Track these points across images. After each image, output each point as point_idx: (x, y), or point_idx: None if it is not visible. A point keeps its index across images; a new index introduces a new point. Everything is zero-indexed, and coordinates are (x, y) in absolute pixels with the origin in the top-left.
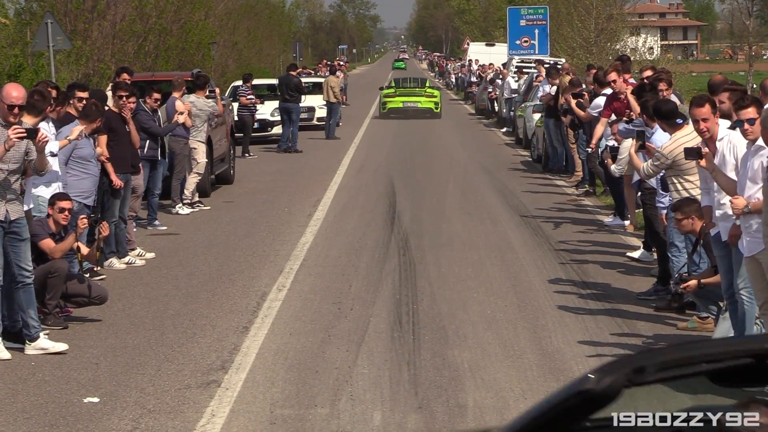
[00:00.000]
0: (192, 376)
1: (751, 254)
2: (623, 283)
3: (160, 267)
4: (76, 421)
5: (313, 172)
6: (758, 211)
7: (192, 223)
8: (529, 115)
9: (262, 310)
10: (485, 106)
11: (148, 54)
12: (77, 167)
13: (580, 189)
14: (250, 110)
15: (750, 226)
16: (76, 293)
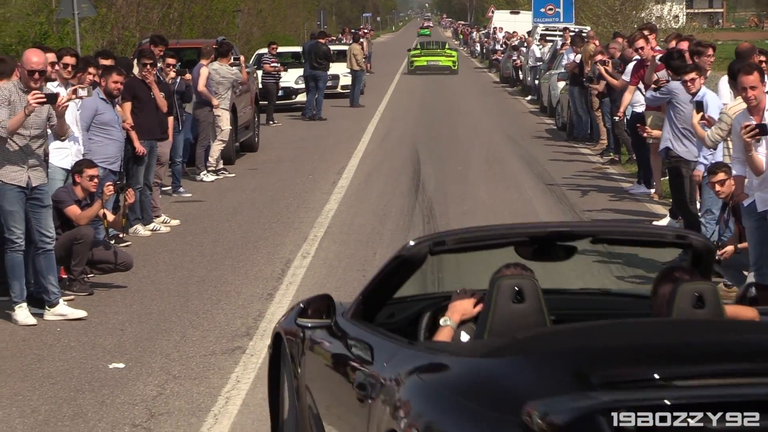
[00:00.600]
0: (217, 342)
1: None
2: (649, 252)
3: (185, 234)
4: (101, 387)
5: (337, 140)
6: None
7: (217, 190)
8: (554, 83)
9: (286, 277)
10: (510, 74)
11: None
12: (100, 133)
13: (605, 157)
14: (274, 78)
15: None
16: (101, 260)
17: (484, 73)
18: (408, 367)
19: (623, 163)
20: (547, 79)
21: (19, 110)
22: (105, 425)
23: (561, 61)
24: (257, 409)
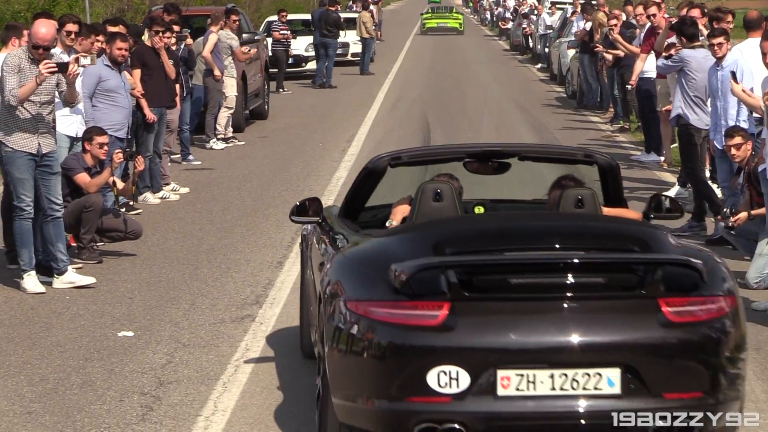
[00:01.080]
0: (226, 310)
1: None
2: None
3: (195, 202)
4: (110, 355)
5: (347, 108)
6: None
7: (226, 158)
8: (564, 51)
9: (296, 245)
10: (519, 42)
11: None
12: (105, 100)
13: (614, 125)
14: (284, 45)
15: None
16: (111, 228)
17: (494, 41)
18: (343, 245)
19: (633, 131)
20: (557, 47)
21: (29, 77)
22: (114, 393)
23: (571, 28)
24: (266, 377)
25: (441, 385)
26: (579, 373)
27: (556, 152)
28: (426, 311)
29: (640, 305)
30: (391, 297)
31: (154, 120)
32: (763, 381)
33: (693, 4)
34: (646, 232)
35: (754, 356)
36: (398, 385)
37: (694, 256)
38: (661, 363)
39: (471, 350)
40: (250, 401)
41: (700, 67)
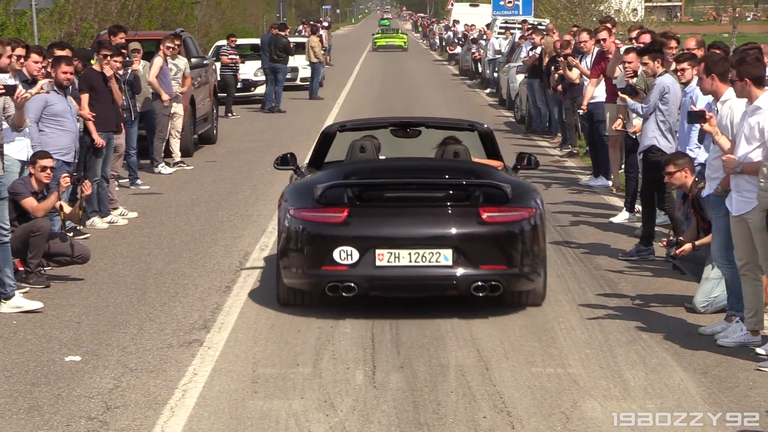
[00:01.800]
0: (174, 335)
1: (739, 213)
2: (606, 243)
3: (143, 226)
4: (57, 380)
5: (296, 132)
6: (750, 172)
7: (174, 182)
8: (513, 76)
9: (244, 269)
10: (469, 66)
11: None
12: (52, 124)
13: (563, 150)
14: (232, 70)
15: (740, 185)
16: (58, 252)
17: (443, 66)
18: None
19: (581, 155)
20: (506, 72)
21: None
22: (60, 418)
23: (519, 54)
24: (214, 401)
25: (341, 259)
26: (426, 252)
27: (449, 123)
28: (333, 214)
29: (467, 211)
30: (313, 205)
31: (102, 145)
32: (710, 405)
33: (643, 30)
34: (484, 169)
35: (701, 380)
36: (316, 259)
37: (511, 183)
38: (478, 247)
39: (360, 238)
40: (197, 426)
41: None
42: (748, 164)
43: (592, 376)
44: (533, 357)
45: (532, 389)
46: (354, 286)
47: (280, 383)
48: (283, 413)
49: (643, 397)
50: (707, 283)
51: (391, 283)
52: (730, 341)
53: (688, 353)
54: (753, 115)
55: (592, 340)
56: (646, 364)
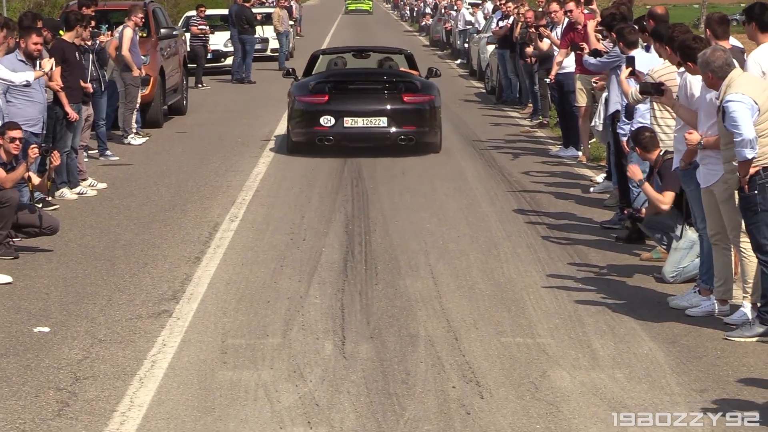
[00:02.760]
0: (143, 306)
1: (707, 185)
2: (576, 213)
3: (112, 197)
4: (26, 351)
5: (266, 103)
6: (712, 146)
7: (144, 153)
8: (483, 47)
9: (214, 240)
10: (439, 37)
11: None
12: (20, 95)
13: (533, 120)
14: (202, 41)
15: (705, 158)
16: (26, 223)
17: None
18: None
19: (551, 126)
20: (476, 43)
21: None
22: (29, 389)
23: (490, 24)
24: (183, 372)
25: (324, 123)
26: (372, 119)
27: (386, 49)
28: (319, 98)
29: (395, 96)
30: (308, 93)
31: (76, 118)
32: (678, 374)
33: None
34: (405, 74)
35: (670, 349)
36: (310, 123)
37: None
38: (401, 116)
39: (335, 111)
40: (166, 396)
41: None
42: (709, 139)
43: (561, 346)
44: (502, 327)
45: (501, 359)
46: (332, 138)
47: (250, 354)
48: (252, 383)
49: (611, 367)
50: (676, 254)
51: (353, 137)
52: (698, 311)
53: (657, 323)
54: (708, 91)
55: (561, 310)
56: (614, 333)
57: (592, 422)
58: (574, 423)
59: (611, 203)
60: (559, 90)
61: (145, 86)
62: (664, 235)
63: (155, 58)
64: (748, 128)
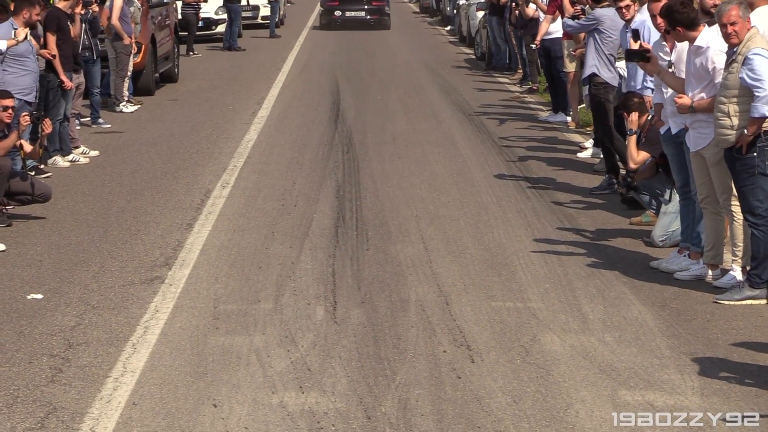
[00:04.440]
0: (136, 272)
1: (696, 149)
2: (565, 178)
3: (104, 165)
4: (20, 318)
5: (257, 71)
6: (703, 110)
7: (136, 121)
8: (473, 13)
9: (206, 207)
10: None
11: None
12: (15, 64)
13: (523, 86)
14: (194, 8)
15: (696, 122)
16: (19, 191)
17: (403, 4)
18: None
19: (541, 92)
20: (465, 9)
21: None
22: (23, 356)
23: None
24: (175, 338)
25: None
26: (358, 13)
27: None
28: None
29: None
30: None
31: (71, 86)
32: (668, 337)
33: None
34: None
35: (660, 313)
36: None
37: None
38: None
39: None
40: (159, 362)
41: (614, 25)
42: (700, 102)
43: (551, 310)
44: (493, 291)
45: (491, 323)
46: (339, 22)
47: (242, 319)
48: (245, 349)
49: (601, 330)
50: (665, 218)
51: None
52: (688, 275)
53: (647, 286)
54: (697, 55)
55: (551, 275)
56: (604, 297)
57: (582, 385)
58: (564, 386)
59: (600, 168)
60: (547, 56)
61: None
62: (654, 198)
63: (146, 26)
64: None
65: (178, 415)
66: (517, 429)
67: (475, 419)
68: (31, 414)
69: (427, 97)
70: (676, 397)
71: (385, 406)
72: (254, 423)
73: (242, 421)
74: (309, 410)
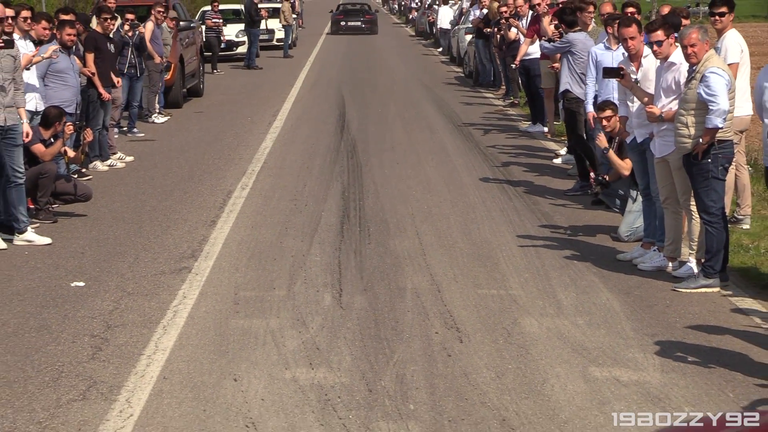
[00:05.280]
0: (166, 263)
1: (662, 155)
2: (542, 181)
3: (138, 169)
4: (64, 303)
5: (273, 87)
6: (670, 119)
7: (166, 131)
8: (462, 36)
9: (227, 206)
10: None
11: None
12: (55, 80)
13: (506, 100)
14: (215, 32)
15: (662, 131)
16: (63, 191)
17: (401, 28)
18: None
19: (521, 105)
20: (455, 34)
21: None
22: (67, 336)
23: (468, 17)
24: (201, 321)
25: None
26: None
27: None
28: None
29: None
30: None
31: (109, 98)
32: (632, 321)
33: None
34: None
35: (625, 299)
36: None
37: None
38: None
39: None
40: (186, 342)
41: (584, 47)
42: (668, 112)
43: (530, 297)
44: (479, 280)
45: (478, 308)
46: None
47: (259, 305)
48: (261, 330)
49: (574, 314)
50: (630, 216)
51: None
52: (649, 266)
53: (614, 276)
54: (669, 71)
55: (530, 266)
56: (576, 285)
57: (557, 363)
58: (542, 363)
59: (574, 173)
60: (527, 74)
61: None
62: (620, 200)
63: (176, 47)
64: (724, 99)
65: (203, 388)
66: (500, 401)
67: (463, 392)
68: (74, 387)
69: (422, 110)
70: (639, 373)
71: (385, 380)
72: (269, 395)
73: (259, 394)
74: (318, 384)
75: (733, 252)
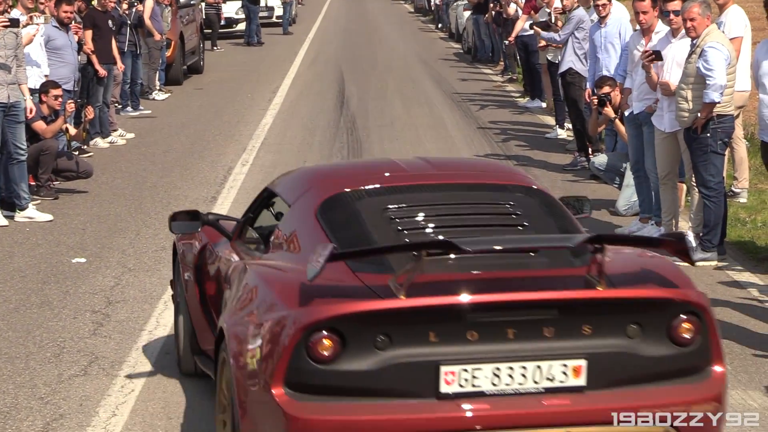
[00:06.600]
0: (167, 239)
1: (672, 130)
2: (541, 156)
3: (139, 145)
4: (65, 279)
5: (272, 63)
6: None
7: (167, 107)
8: (460, 13)
9: (228, 182)
10: (422, 5)
11: None
12: (53, 57)
13: (504, 76)
14: (215, 9)
15: (672, 104)
16: (65, 168)
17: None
18: None
19: (519, 81)
20: (454, 9)
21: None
22: (68, 312)
23: None
24: None
25: None
26: None
27: None
28: None
29: None
30: None
31: (105, 75)
32: None
33: None
34: None
35: None
36: None
37: None
38: None
39: None
40: None
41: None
42: None
43: None
44: None
45: None
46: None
47: None
48: None
49: None
50: (627, 190)
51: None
52: None
53: None
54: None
55: None
56: None
57: None
58: None
59: (571, 147)
60: (525, 50)
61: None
62: (617, 176)
63: (175, 24)
64: (721, 74)
65: None
66: None
67: None
68: (75, 362)
69: (421, 86)
70: None
71: None
72: None
73: None
74: None
75: (730, 225)
